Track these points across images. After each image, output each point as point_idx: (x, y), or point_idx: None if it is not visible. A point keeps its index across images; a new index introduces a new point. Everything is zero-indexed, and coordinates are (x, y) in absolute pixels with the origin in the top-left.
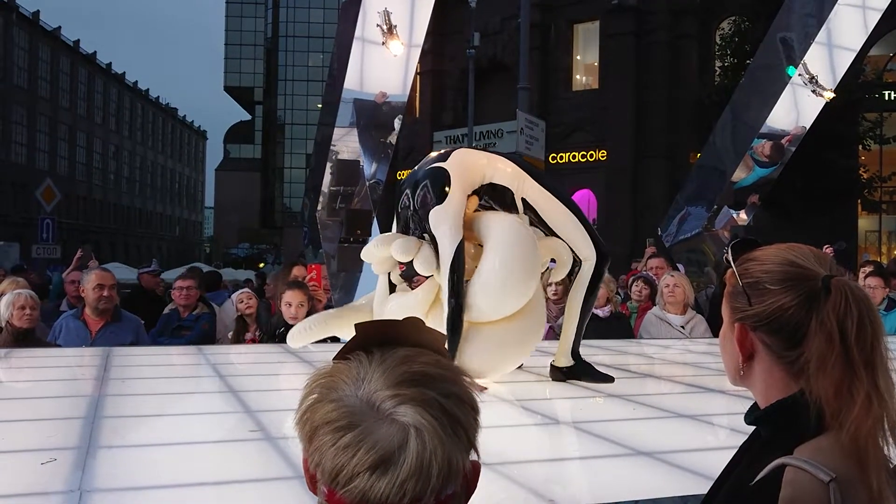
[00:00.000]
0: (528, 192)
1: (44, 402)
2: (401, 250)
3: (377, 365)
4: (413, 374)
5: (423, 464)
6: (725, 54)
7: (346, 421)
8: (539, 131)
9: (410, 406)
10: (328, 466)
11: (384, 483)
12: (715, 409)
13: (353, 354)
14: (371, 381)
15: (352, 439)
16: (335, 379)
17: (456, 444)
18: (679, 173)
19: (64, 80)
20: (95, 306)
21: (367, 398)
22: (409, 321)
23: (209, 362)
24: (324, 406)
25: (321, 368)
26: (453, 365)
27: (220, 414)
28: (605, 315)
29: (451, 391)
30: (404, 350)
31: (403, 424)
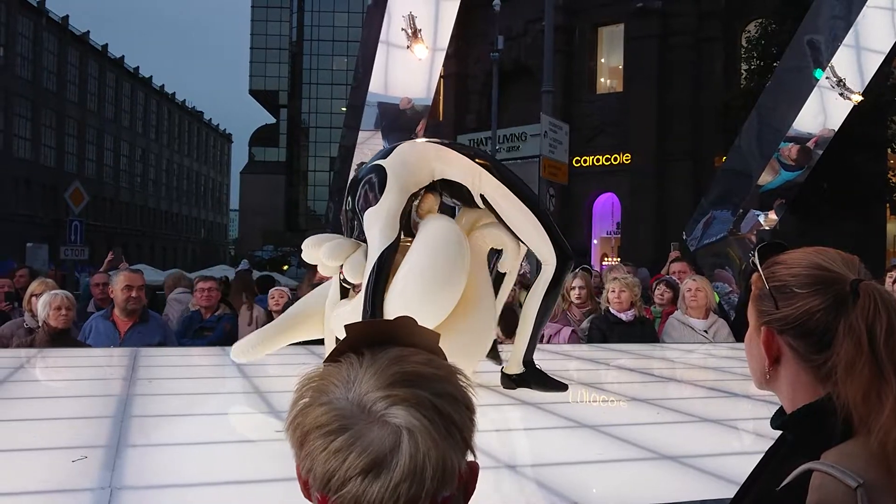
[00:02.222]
0: (486, 188)
1: (75, 401)
2: (329, 254)
3: (368, 366)
4: (405, 374)
5: (417, 466)
6: (751, 57)
7: (336, 424)
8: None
9: (402, 407)
10: (320, 472)
11: (377, 487)
12: (739, 414)
13: (343, 356)
14: (362, 383)
15: (343, 443)
16: (325, 382)
17: (451, 444)
18: (703, 177)
19: (92, 84)
20: (124, 307)
21: (358, 400)
22: (401, 320)
23: (233, 362)
24: (314, 410)
25: (311, 372)
26: (447, 364)
27: (245, 414)
28: (629, 319)
29: (445, 391)
30: (396, 350)
31: (395, 426)
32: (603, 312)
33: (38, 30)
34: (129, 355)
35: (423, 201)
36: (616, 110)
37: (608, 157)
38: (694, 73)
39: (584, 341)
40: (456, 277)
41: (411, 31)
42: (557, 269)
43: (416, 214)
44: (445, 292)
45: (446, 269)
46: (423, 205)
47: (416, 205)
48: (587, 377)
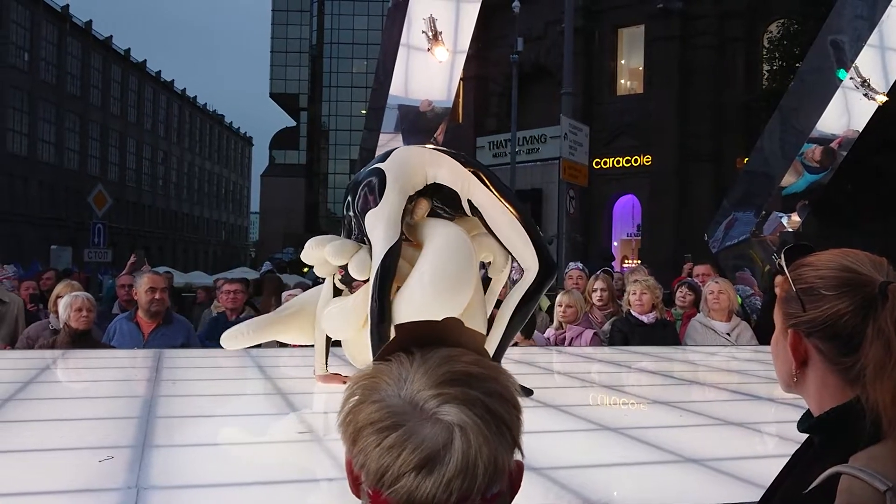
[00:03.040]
0: (475, 193)
1: (101, 402)
2: (334, 253)
3: (419, 365)
4: (455, 373)
5: (469, 462)
6: (773, 57)
7: (389, 421)
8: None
9: (454, 405)
10: (373, 467)
11: (430, 483)
12: (762, 417)
13: (393, 355)
14: (413, 382)
15: (396, 439)
16: (377, 380)
17: (501, 442)
18: (725, 178)
19: (115, 89)
20: (147, 309)
21: (411, 398)
22: (449, 321)
23: (257, 364)
24: (367, 407)
25: (362, 370)
26: (495, 364)
27: (269, 415)
28: (651, 321)
29: (494, 390)
30: (445, 350)
31: (448, 423)
32: (624, 315)
33: (62, 35)
34: (153, 357)
35: (417, 205)
36: (636, 112)
37: (628, 159)
38: (715, 74)
39: (605, 343)
40: (466, 284)
41: (432, 34)
42: (538, 278)
43: (410, 218)
44: (456, 298)
45: (458, 275)
46: (417, 209)
47: (409, 208)
48: (609, 380)
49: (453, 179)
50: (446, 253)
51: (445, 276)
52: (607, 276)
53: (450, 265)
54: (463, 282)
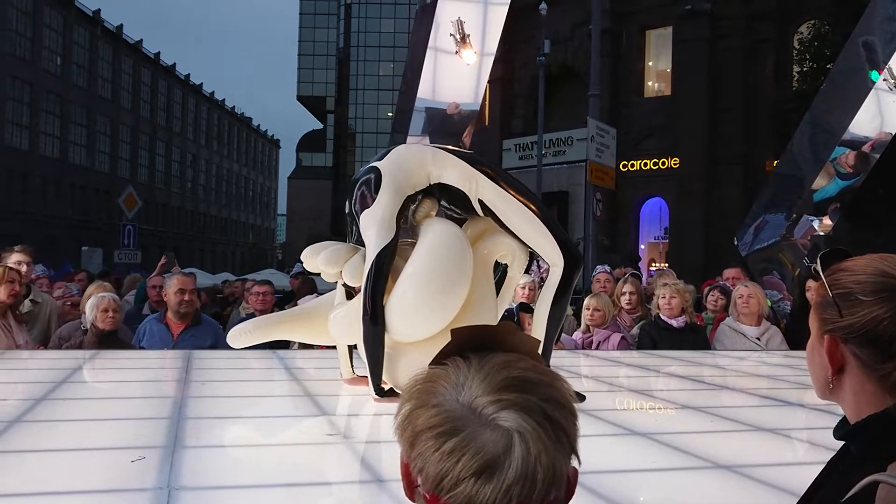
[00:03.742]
0: (485, 192)
1: (132, 402)
2: (326, 262)
3: (476, 370)
4: (513, 379)
5: (529, 469)
6: (804, 59)
7: (448, 426)
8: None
9: (513, 411)
10: (432, 472)
11: (490, 489)
12: (793, 423)
13: (449, 360)
14: (472, 387)
15: (456, 444)
16: (434, 384)
17: (559, 448)
18: (754, 181)
19: (145, 92)
20: (177, 310)
21: (469, 403)
22: (504, 326)
23: (285, 366)
24: (425, 412)
25: (418, 374)
26: (551, 370)
27: (297, 417)
28: (680, 325)
29: (552, 396)
30: (502, 355)
31: (507, 429)
32: (653, 318)
33: (94, 39)
34: (183, 357)
35: (421, 206)
36: (664, 114)
37: (656, 161)
38: (744, 75)
39: (633, 347)
40: (459, 282)
41: (460, 37)
42: (566, 272)
43: (414, 219)
44: (449, 297)
45: (450, 273)
46: (420, 209)
47: (413, 209)
48: (637, 384)
49: (460, 179)
50: (437, 250)
51: (434, 275)
52: (636, 280)
53: (441, 262)
54: (453, 281)
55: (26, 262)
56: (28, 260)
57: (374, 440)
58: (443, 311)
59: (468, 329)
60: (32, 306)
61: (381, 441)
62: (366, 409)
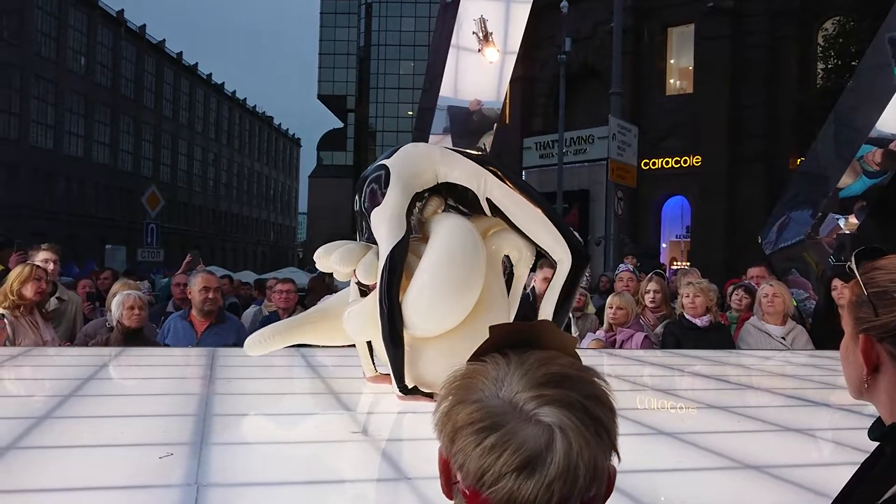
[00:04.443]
0: (492, 191)
1: (158, 399)
2: (340, 261)
3: (516, 367)
4: (553, 375)
5: (571, 464)
6: (829, 56)
7: (489, 422)
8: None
9: (554, 407)
10: (473, 468)
11: (532, 484)
12: (820, 423)
13: (488, 356)
14: (512, 383)
15: (497, 440)
16: (474, 380)
17: (600, 445)
18: (777, 180)
19: (168, 91)
20: (201, 308)
21: (510, 399)
22: (542, 324)
23: (308, 363)
24: (465, 407)
25: (457, 370)
26: (589, 368)
27: (322, 415)
28: (704, 325)
29: (592, 393)
30: (541, 352)
31: (548, 425)
32: (677, 317)
33: (118, 39)
34: (207, 355)
35: (428, 203)
36: (686, 112)
37: (678, 160)
38: (767, 73)
39: (657, 347)
40: (474, 276)
41: (482, 35)
42: (573, 270)
43: (422, 216)
44: (465, 291)
45: (465, 267)
46: (427, 207)
47: (420, 206)
48: (662, 383)
49: (468, 178)
50: (451, 247)
51: (450, 270)
52: (660, 279)
53: (455, 259)
54: (468, 275)
55: (53, 260)
56: (55, 258)
57: (398, 438)
58: (460, 305)
59: (506, 326)
60: (59, 304)
61: (405, 439)
62: (389, 407)
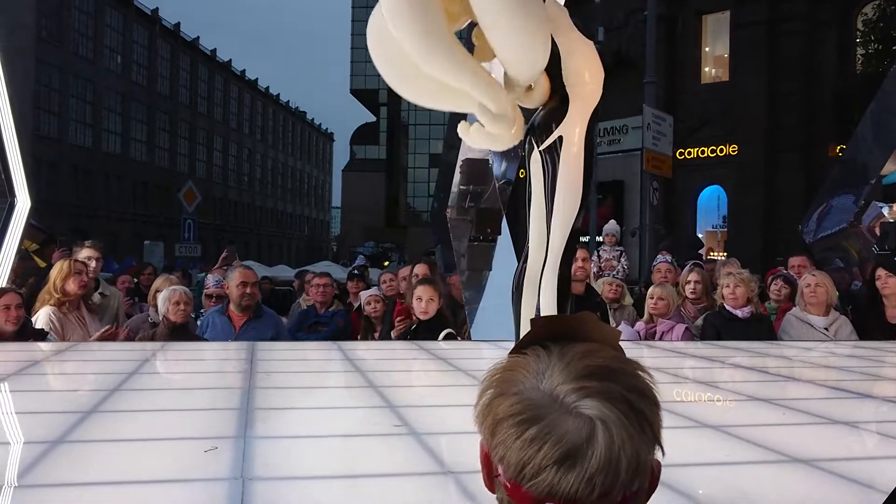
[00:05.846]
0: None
1: (200, 393)
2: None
3: (557, 359)
4: (595, 367)
5: (612, 457)
6: (869, 41)
7: (530, 414)
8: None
9: (595, 399)
10: (513, 460)
11: (573, 477)
12: (866, 416)
13: (529, 349)
14: (553, 375)
15: (538, 432)
16: (515, 373)
17: (642, 438)
18: (816, 169)
19: (202, 88)
20: (239, 303)
21: (550, 391)
22: (583, 317)
23: (347, 357)
24: (506, 400)
25: (498, 363)
26: (632, 360)
27: (363, 408)
28: (745, 316)
29: (635, 385)
30: (583, 345)
31: (589, 417)
32: (718, 309)
33: (153, 37)
34: (247, 349)
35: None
36: (722, 100)
37: (713, 149)
38: (805, 59)
39: (697, 338)
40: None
41: None
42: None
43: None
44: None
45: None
46: None
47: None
48: (703, 376)
49: None
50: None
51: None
52: (700, 269)
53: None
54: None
55: (96, 257)
56: (97, 255)
57: (441, 431)
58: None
59: (547, 319)
60: (101, 299)
61: (449, 432)
62: (431, 400)
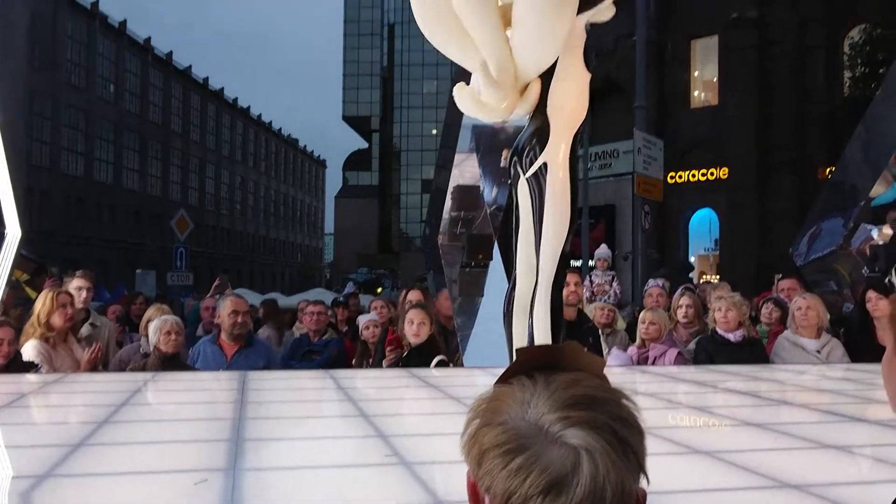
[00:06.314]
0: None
1: (190, 424)
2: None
3: (542, 388)
4: (580, 396)
5: (598, 486)
6: (856, 64)
7: (515, 444)
8: (657, 150)
9: (580, 429)
10: (500, 490)
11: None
12: (859, 440)
13: (515, 379)
14: (538, 405)
15: (523, 462)
16: (500, 403)
17: (627, 467)
18: (807, 191)
19: (195, 116)
20: (231, 331)
21: (535, 421)
22: (569, 346)
23: (339, 386)
24: (492, 430)
25: (484, 393)
26: (617, 389)
27: (354, 438)
28: (738, 339)
29: (619, 414)
30: (568, 374)
31: (574, 447)
32: (710, 333)
33: (145, 66)
34: (238, 379)
35: None
36: (712, 124)
37: (704, 172)
38: (794, 82)
39: (690, 363)
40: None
41: None
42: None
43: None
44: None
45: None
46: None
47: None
48: (696, 400)
49: None
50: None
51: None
52: (692, 293)
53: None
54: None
55: (87, 287)
56: (88, 285)
57: (432, 461)
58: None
59: (533, 349)
60: (91, 330)
61: (440, 462)
62: (423, 429)
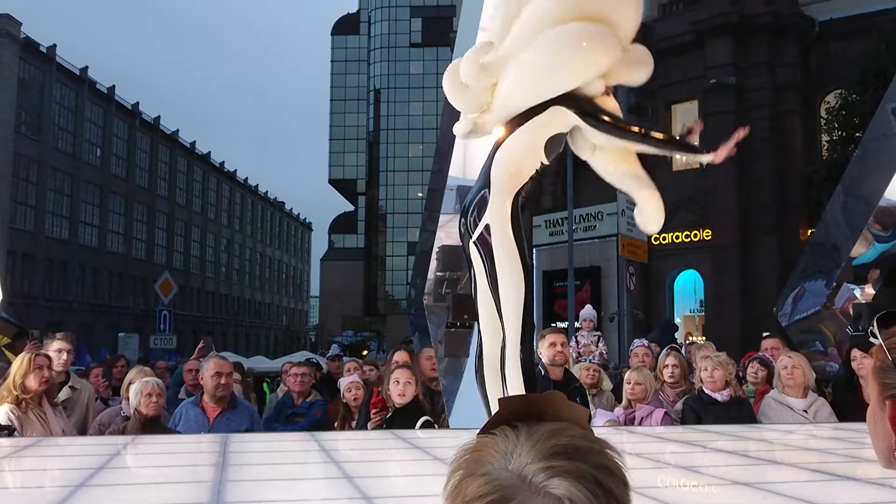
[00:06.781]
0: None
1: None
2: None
3: (525, 438)
4: (563, 446)
5: None
6: (833, 128)
7: (498, 495)
8: None
9: (564, 479)
10: None
11: None
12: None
13: (497, 429)
14: (521, 455)
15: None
16: (483, 453)
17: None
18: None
19: (181, 179)
20: (213, 393)
21: (519, 471)
22: (551, 395)
23: (323, 448)
24: (474, 480)
25: (467, 444)
26: (601, 439)
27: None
28: (725, 399)
29: (603, 464)
30: (551, 424)
31: (558, 497)
32: (697, 392)
33: (132, 130)
34: (220, 441)
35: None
36: (694, 186)
37: (688, 234)
38: (773, 146)
39: (677, 423)
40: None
41: None
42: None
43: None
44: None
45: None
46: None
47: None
48: (684, 461)
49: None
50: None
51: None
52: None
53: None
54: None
55: (67, 350)
56: (69, 348)
57: None
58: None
59: (516, 399)
60: (71, 392)
61: None
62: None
